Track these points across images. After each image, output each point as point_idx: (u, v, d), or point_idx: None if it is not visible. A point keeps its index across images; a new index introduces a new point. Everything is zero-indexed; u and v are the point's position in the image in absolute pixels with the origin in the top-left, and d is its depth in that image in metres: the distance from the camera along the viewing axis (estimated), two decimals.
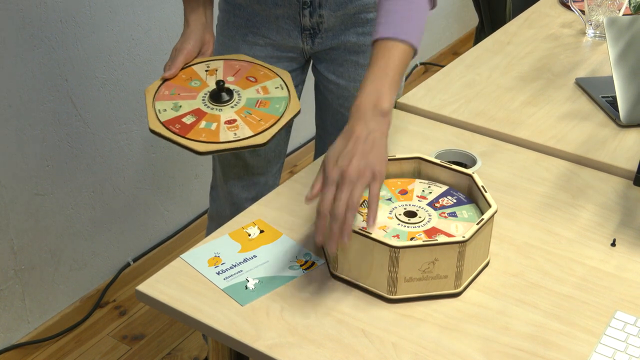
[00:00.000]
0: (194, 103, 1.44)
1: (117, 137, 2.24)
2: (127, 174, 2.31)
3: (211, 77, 1.50)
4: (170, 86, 1.48)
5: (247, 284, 1.23)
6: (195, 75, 1.51)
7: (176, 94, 1.46)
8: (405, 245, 1.15)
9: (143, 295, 1.21)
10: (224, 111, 1.43)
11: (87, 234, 2.26)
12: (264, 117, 1.43)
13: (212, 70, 1.52)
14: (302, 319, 1.16)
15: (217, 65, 1.53)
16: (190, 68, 1.52)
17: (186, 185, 2.55)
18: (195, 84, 1.48)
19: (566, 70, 1.88)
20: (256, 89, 1.49)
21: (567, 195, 1.45)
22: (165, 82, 1.49)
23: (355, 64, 1.61)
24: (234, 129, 1.40)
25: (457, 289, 1.21)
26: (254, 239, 1.32)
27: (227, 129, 1.40)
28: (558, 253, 1.31)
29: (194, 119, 1.41)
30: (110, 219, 2.32)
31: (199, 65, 1.53)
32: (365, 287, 1.21)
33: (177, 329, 2.28)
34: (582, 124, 1.66)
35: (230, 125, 1.40)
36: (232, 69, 1.52)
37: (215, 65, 1.53)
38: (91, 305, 2.32)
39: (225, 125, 1.40)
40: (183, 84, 1.48)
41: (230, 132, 1.39)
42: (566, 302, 1.21)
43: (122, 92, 2.20)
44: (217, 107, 1.44)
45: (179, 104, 1.44)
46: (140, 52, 2.22)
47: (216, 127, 1.40)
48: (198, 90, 1.47)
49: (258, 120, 1.42)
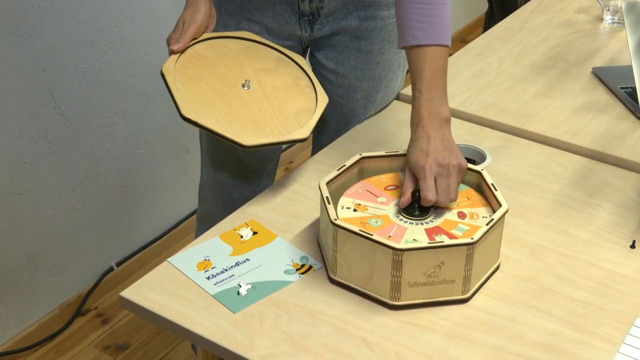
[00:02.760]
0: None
1: (99, 132, 2.24)
2: (110, 172, 2.31)
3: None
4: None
5: (239, 290, 1.23)
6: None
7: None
8: (409, 248, 1.15)
9: (127, 302, 1.21)
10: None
11: (67, 236, 2.26)
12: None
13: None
14: (298, 327, 1.16)
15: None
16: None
17: (174, 184, 2.55)
18: None
19: (582, 59, 1.89)
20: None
21: (583, 193, 1.45)
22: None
23: (357, 50, 1.61)
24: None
25: (465, 295, 1.21)
26: (247, 241, 1.32)
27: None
28: (573, 256, 1.31)
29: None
30: (92, 220, 2.32)
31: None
32: (367, 292, 1.21)
33: (164, 338, 2.28)
34: (599, 117, 1.66)
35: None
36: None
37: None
38: (71, 312, 2.32)
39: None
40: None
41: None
42: (582, 308, 1.21)
43: (105, 83, 2.20)
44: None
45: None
46: (124, 39, 2.22)
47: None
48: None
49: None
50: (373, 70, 1.64)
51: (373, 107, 1.69)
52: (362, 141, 1.60)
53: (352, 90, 1.65)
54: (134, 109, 2.31)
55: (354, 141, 1.60)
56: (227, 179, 1.70)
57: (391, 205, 1.29)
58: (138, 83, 2.29)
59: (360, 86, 1.64)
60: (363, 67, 1.63)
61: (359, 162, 1.36)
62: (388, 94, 1.70)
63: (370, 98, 1.67)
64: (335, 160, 1.52)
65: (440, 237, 1.22)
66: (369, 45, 1.61)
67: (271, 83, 1.49)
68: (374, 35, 1.60)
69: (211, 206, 1.77)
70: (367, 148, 1.56)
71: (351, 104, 1.67)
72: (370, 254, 1.17)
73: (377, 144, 1.59)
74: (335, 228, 1.19)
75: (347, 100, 1.66)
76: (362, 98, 1.66)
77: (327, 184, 1.28)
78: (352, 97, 1.66)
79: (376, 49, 1.61)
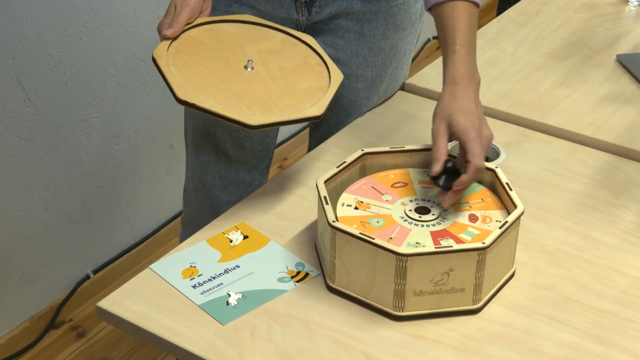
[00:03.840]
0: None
1: (74, 126, 2.24)
2: (85, 170, 2.32)
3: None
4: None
5: (228, 299, 1.23)
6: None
7: None
8: (414, 253, 1.15)
9: (105, 313, 1.21)
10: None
11: (39, 242, 2.26)
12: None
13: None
14: (293, 341, 1.17)
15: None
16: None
17: (156, 183, 2.55)
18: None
19: (605, 45, 1.89)
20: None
21: (607, 193, 1.45)
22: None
23: (359, 35, 1.61)
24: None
25: (476, 305, 1.21)
26: (237, 246, 1.32)
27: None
28: (596, 262, 1.31)
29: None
30: (66, 223, 2.32)
31: None
32: (368, 302, 1.21)
33: (146, 352, 2.29)
34: (624, 109, 1.67)
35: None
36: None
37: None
38: (44, 325, 2.32)
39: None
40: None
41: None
42: (606, 319, 1.21)
43: (80, 72, 2.20)
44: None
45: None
46: (101, 24, 2.22)
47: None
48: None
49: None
50: (376, 57, 1.64)
51: (376, 98, 1.69)
52: (364, 136, 1.60)
53: (354, 79, 1.65)
54: (113, 101, 2.31)
55: (355, 135, 1.60)
56: (215, 180, 1.70)
57: (396, 204, 1.29)
58: (117, 72, 2.29)
59: (362, 75, 1.65)
60: (366, 53, 1.63)
61: (360, 158, 1.36)
62: (392, 83, 1.70)
63: (373, 88, 1.67)
64: (334, 157, 1.52)
65: (447, 241, 1.22)
66: (372, 30, 1.61)
67: (277, 64, 1.47)
68: (378, 19, 1.60)
69: (197, 210, 1.77)
70: (370, 143, 1.56)
71: (352, 94, 1.67)
72: (372, 260, 1.18)
73: (380, 138, 1.59)
74: (333, 231, 1.19)
75: (347, 90, 1.66)
76: (364, 88, 1.66)
77: (325, 182, 1.28)
78: (353, 87, 1.66)
79: (380, 33, 1.61)
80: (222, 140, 1.64)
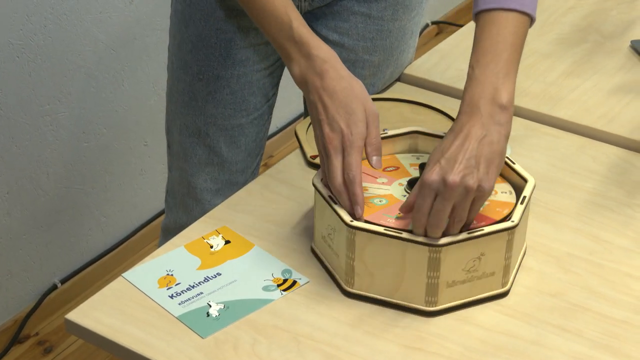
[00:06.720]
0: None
1: (39, 122, 2.24)
2: (52, 169, 2.31)
3: None
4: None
5: (208, 310, 1.23)
6: None
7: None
8: (448, 242, 1.18)
9: (74, 326, 1.22)
10: None
11: (1, 248, 2.26)
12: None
13: None
14: (280, 355, 1.17)
15: None
16: None
17: (129, 184, 2.55)
18: None
19: (619, 30, 1.90)
20: None
21: (621, 192, 1.46)
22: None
23: (366, 17, 1.60)
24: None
25: (504, 287, 1.25)
26: (218, 252, 1.33)
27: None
28: (609, 266, 1.32)
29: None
30: (31, 228, 2.32)
31: None
32: (395, 302, 1.23)
33: None
34: (639, 100, 1.67)
35: None
36: None
37: None
38: (7, 340, 2.32)
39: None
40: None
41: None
42: (619, 328, 1.22)
43: (45, 62, 2.20)
44: None
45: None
46: (67, 10, 2.22)
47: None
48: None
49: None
50: (385, 40, 1.63)
51: (380, 85, 1.69)
52: None
53: (360, 65, 1.64)
54: (81, 94, 2.31)
55: None
56: (206, 183, 1.69)
57: (394, 184, 1.31)
58: (85, 63, 2.29)
59: (369, 60, 1.64)
60: (373, 36, 1.62)
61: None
62: (397, 68, 1.70)
63: (379, 74, 1.67)
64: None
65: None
66: (380, 10, 1.60)
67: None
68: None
69: (184, 216, 1.74)
70: None
71: None
72: (399, 256, 1.20)
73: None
74: (351, 231, 1.20)
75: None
76: (370, 75, 1.65)
77: (322, 180, 1.29)
78: (358, 74, 1.63)
79: (389, 14, 1.61)
80: (216, 139, 1.64)
